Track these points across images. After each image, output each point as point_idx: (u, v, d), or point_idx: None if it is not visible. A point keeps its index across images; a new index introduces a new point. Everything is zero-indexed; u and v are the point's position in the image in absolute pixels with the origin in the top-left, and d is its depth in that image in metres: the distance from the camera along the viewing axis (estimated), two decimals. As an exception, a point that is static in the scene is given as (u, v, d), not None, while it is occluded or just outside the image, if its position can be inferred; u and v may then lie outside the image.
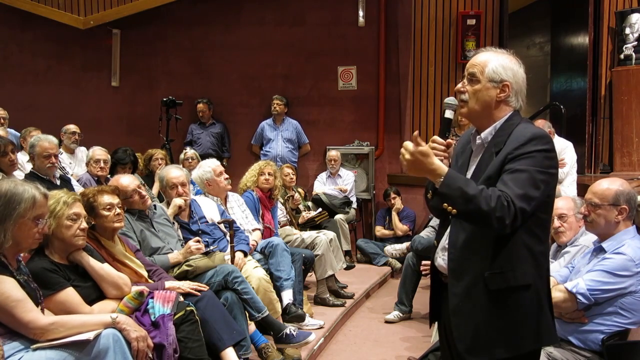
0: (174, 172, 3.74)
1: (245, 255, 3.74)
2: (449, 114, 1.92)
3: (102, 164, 4.81)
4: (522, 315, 1.82)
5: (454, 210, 1.71)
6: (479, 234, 1.83)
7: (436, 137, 1.87)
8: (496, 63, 1.86)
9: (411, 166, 1.75)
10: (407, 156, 1.74)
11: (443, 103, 1.98)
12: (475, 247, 1.84)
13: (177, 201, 3.62)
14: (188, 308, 2.70)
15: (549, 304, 1.89)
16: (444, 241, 1.96)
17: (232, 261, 3.61)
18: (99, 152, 4.88)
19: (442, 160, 1.81)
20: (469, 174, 1.91)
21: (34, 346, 2.12)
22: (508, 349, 1.82)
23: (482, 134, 1.91)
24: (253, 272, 3.60)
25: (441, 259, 1.97)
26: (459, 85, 1.93)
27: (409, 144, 1.73)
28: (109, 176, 4.78)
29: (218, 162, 4.29)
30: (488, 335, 1.83)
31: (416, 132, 1.79)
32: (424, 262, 4.19)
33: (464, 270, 1.86)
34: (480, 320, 1.84)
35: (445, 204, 1.72)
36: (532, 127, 1.85)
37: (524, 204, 1.70)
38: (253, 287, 3.45)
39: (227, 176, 4.23)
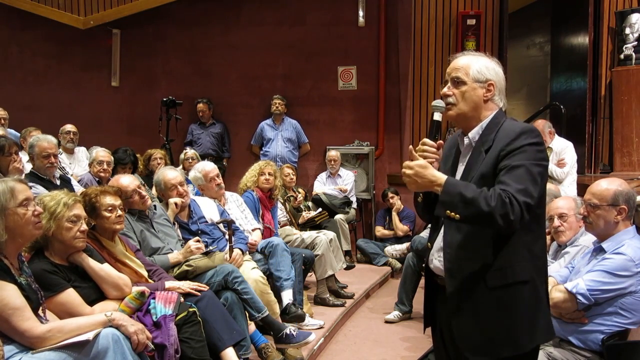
0: (170, 174, 3.72)
1: (243, 253, 3.73)
2: (437, 116, 1.96)
3: (105, 166, 4.78)
4: (522, 311, 1.82)
5: (457, 216, 1.73)
6: (476, 233, 1.84)
7: (426, 140, 1.91)
8: (479, 64, 1.91)
9: (413, 180, 1.80)
10: (409, 171, 1.80)
11: (430, 106, 2.00)
12: (472, 246, 1.85)
13: (172, 200, 3.61)
14: (190, 309, 2.71)
15: (547, 300, 1.90)
16: (439, 242, 1.96)
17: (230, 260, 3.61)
18: (103, 154, 4.84)
19: (433, 162, 1.85)
20: (458, 175, 1.93)
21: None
22: (511, 347, 1.83)
23: (470, 134, 1.93)
24: (250, 274, 3.58)
25: (437, 260, 1.97)
26: (445, 89, 1.96)
27: (408, 162, 1.81)
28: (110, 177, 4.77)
29: (212, 167, 4.20)
30: (490, 334, 1.84)
31: (411, 147, 1.85)
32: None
33: (462, 269, 1.87)
34: (482, 319, 1.85)
35: (448, 211, 1.74)
36: (519, 122, 1.89)
37: (527, 198, 1.72)
38: None
39: (219, 181, 4.13)
